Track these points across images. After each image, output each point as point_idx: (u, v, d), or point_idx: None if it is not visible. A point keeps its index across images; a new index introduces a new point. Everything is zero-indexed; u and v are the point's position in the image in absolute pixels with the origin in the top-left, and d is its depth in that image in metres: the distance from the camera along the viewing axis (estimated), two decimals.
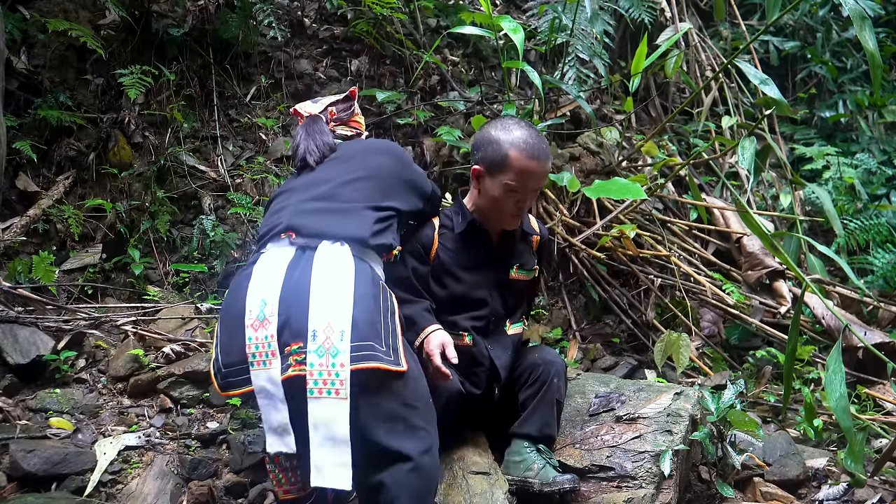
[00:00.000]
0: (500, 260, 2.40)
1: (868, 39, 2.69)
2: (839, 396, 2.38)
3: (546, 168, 2.29)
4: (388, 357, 1.79)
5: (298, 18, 4.41)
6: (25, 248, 3.52)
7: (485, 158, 2.28)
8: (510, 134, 2.25)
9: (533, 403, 2.29)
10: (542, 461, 2.22)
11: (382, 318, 1.84)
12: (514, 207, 2.29)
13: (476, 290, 2.35)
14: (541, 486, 2.17)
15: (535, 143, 2.24)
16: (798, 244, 3.57)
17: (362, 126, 2.47)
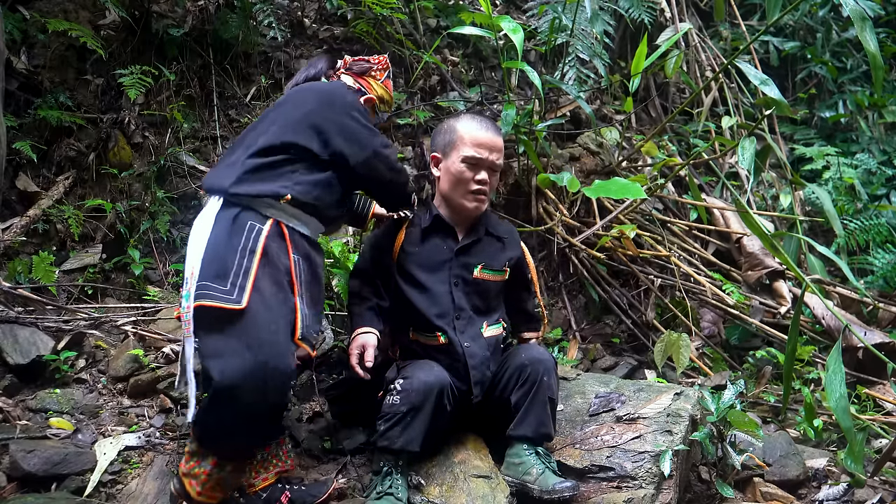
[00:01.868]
0: (463, 258, 2.44)
1: (869, 40, 2.69)
2: (839, 396, 2.38)
3: (497, 141, 2.44)
4: (224, 295, 1.90)
5: (298, 18, 4.41)
6: (25, 248, 3.52)
7: (439, 143, 2.49)
8: (458, 118, 2.49)
9: (525, 404, 2.28)
10: (541, 466, 2.21)
11: (237, 258, 1.97)
12: (474, 183, 2.41)
13: (438, 287, 2.39)
14: (540, 492, 2.16)
15: (485, 119, 2.47)
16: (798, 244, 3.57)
17: (374, 90, 2.44)
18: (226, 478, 2.02)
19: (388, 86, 2.48)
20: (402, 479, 2.18)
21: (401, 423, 2.17)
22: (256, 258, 1.99)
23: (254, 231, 2.03)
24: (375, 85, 2.43)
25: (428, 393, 2.18)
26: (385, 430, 2.19)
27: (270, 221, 2.07)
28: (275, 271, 2.02)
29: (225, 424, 1.90)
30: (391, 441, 2.17)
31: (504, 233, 2.58)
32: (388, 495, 2.13)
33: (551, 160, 3.96)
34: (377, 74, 2.43)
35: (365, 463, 2.48)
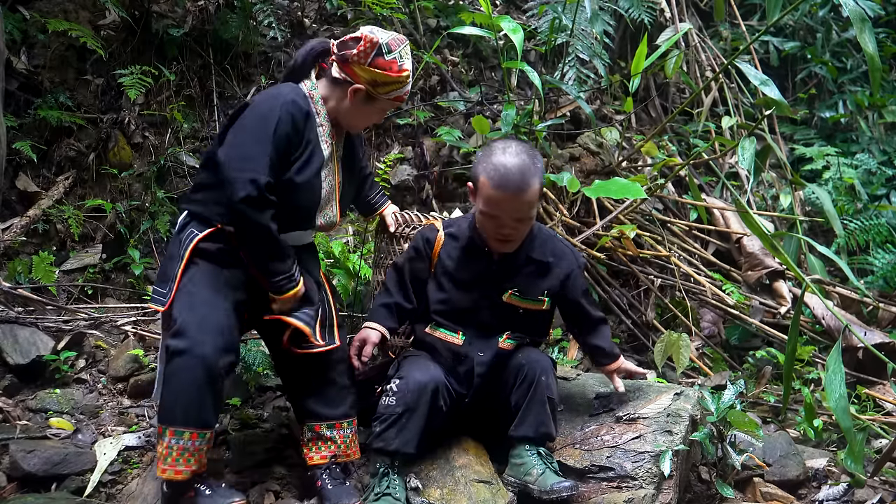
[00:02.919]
0: (495, 280, 2.33)
1: (868, 42, 2.69)
2: (839, 396, 2.38)
3: (522, 199, 2.16)
4: (158, 297, 2.13)
5: (298, 18, 4.41)
6: (25, 248, 3.52)
7: (472, 176, 2.27)
8: (489, 158, 2.19)
9: (525, 404, 2.26)
10: (541, 466, 2.20)
11: (175, 263, 2.12)
12: (498, 233, 2.24)
13: (464, 304, 2.34)
14: (539, 492, 2.16)
15: (509, 171, 2.13)
16: (798, 244, 3.57)
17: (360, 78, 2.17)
18: (186, 447, 2.01)
19: (383, 64, 2.15)
20: (400, 480, 2.18)
21: (396, 425, 2.16)
22: (181, 264, 2.11)
23: (188, 239, 2.14)
24: (360, 71, 2.16)
25: (422, 393, 2.18)
26: (381, 432, 2.18)
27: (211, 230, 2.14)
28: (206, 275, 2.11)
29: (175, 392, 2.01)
30: (387, 442, 2.17)
31: (550, 256, 2.37)
32: (386, 496, 2.13)
33: (551, 160, 3.96)
34: (360, 59, 2.14)
35: (364, 463, 2.48)
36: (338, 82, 2.20)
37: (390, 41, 2.16)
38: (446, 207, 3.88)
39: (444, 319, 2.36)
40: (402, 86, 2.21)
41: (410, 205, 3.93)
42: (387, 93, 2.20)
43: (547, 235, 2.42)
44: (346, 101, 2.20)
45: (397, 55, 2.16)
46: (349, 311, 3.25)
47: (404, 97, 2.27)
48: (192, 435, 2.01)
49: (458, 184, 4.01)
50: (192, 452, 2.02)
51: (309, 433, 2.32)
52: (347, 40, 2.18)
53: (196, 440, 2.02)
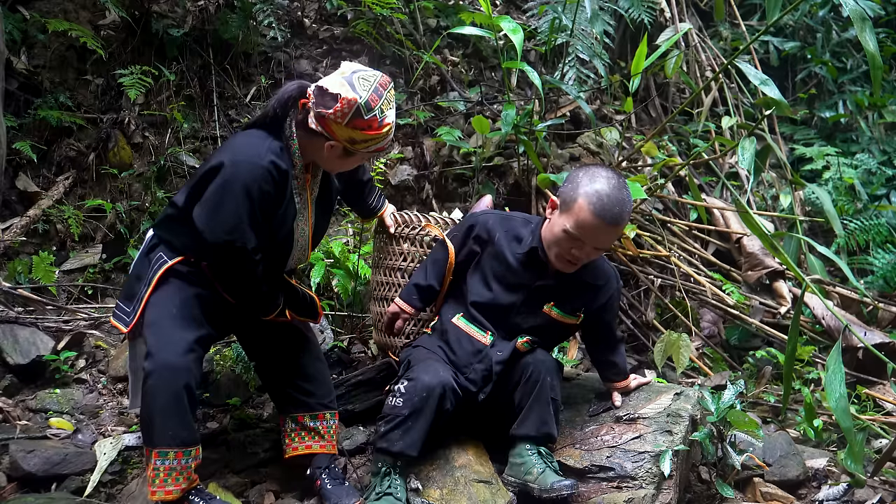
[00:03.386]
0: (542, 293, 2.35)
1: (869, 41, 2.69)
2: (839, 397, 2.38)
3: (613, 231, 2.20)
4: (123, 317, 2.16)
5: (298, 19, 4.41)
6: (25, 248, 3.52)
7: (562, 194, 2.25)
8: (592, 183, 2.17)
9: (529, 402, 2.27)
10: (542, 465, 2.21)
11: (141, 284, 2.13)
12: (570, 254, 2.23)
13: (504, 306, 2.35)
14: (539, 491, 2.16)
15: (611, 202, 2.14)
16: (798, 244, 3.57)
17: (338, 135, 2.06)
18: (172, 466, 2.02)
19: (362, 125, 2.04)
20: (401, 480, 2.18)
21: (401, 427, 2.16)
22: (150, 288, 2.11)
23: (157, 263, 2.14)
24: (337, 129, 2.05)
25: (430, 396, 2.17)
26: (385, 432, 2.18)
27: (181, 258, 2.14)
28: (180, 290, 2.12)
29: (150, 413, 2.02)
30: (391, 443, 2.17)
31: (599, 279, 2.40)
32: (388, 495, 2.13)
33: (551, 160, 3.96)
34: (337, 119, 2.02)
35: (365, 463, 2.47)
36: (314, 133, 2.09)
37: (370, 98, 2.03)
38: (446, 207, 3.88)
39: (480, 315, 2.37)
40: (382, 140, 2.11)
41: (410, 205, 3.93)
42: (366, 147, 2.11)
43: (597, 262, 2.41)
44: (324, 154, 2.12)
45: (377, 111, 2.05)
46: (349, 310, 3.25)
47: (384, 147, 2.18)
48: (177, 454, 2.02)
49: (458, 184, 4.01)
50: (180, 471, 2.03)
51: (291, 423, 2.33)
52: (324, 93, 2.03)
53: (181, 458, 2.03)
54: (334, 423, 2.38)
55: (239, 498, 2.30)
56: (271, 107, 2.11)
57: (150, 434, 2.02)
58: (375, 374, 2.66)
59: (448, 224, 2.66)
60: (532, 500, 2.19)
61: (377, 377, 2.65)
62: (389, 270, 2.69)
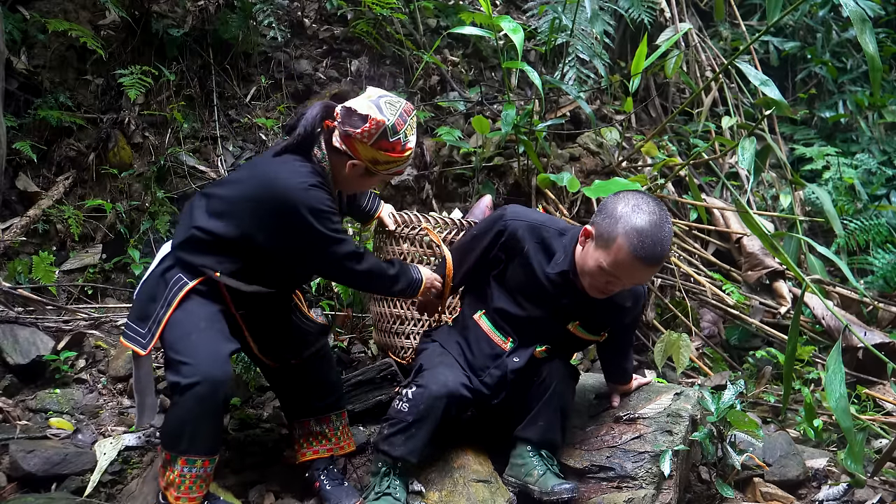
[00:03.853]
0: (568, 309, 2.29)
1: (868, 42, 2.69)
2: (839, 397, 2.39)
3: (652, 269, 2.09)
4: (138, 338, 2.11)
5: (298, 19, 4.41)
6: (25, 248, 3.52)
7: (599, 226, 2.10)
8: (633, 218, 2.02)
9: (538, 407, 2.26)
10: (542, 467, 2.20)
11: (157, 306, 2.09)
12: (604, 286, 2.14)
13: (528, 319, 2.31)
14: (540, 493, 2.16)
15: (652, 243, 2.00)
16: (798, 244, 3.58)
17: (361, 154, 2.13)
18: (199, 474, 2.04)
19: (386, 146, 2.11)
20: (401, 481, 2.18)
21: (405, 433, 2.16)
22: (170, 310, 2.08)
23: (178, 284, 2.10)
24: (362, 149, 2.12)
25: (434, 406, 2.16)
26: (388, 435, 2.18)
27: (200, 279, 2.11)
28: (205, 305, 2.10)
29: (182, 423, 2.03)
30: (392, 447, 2.17)
31: (628, 300, 2.31)
32: (387, 496, 2.13)
33: (551, 160, 3.96)
34: (364, 139, 2.09)
35: (365, 463, 2.48)
36: (338, 152, 2.17)
37: (396, 122, 2.11)
38: (446, 207, 3.88)
39: (503, 323, 2.34)
40: (402, 163, 2.20)
41: (410, 205, 3.93)
42: (386, 170, 2.19)
43: None
44: (345, 172, 2.17)
45: (402, 135, 2.13)
46: (349, 310, 3.25)
47: (402, 171, 2.28)
48: (205, 462, 2.05)
49: (458, 184, 4.01)
50: (204, 478, 2.06)
51: (299, 430, 2.35)
52: (353, 114, 2.11)
53: (208, 467, 2.06)
54: (341, 424, 2.39)
55: (239, 498, 2.30)
56: (301, 131, 2.13)
57: (179, 441, 2.02)
58: (375, 374, 2.66)
59: (448, 224, 2.66)
60: (532, 501, 2.19)
61: (377, 377, 2.65)
62: None
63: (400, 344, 2.70)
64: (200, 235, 2.11)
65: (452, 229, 2.66)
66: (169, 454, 2.04)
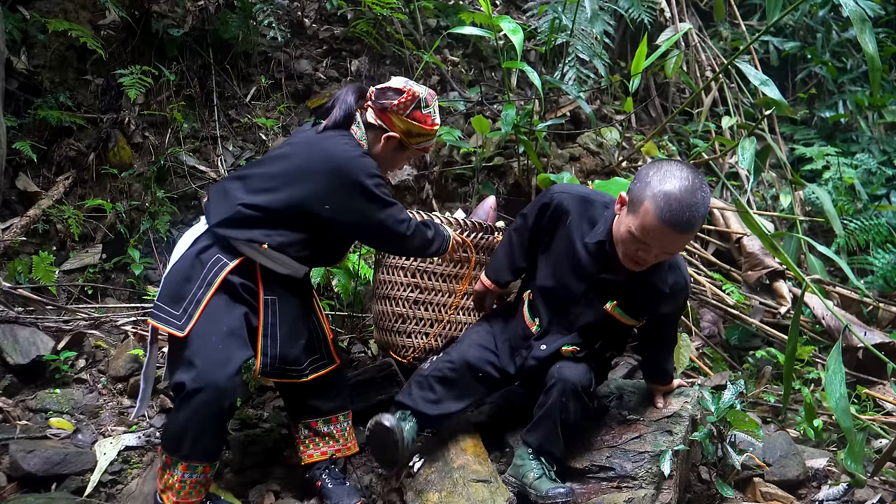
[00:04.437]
0: (607, 285, 2.23)
1: (868, 42, 2.69)
2: (839, 396, 2.39)
3: (681, 237, 2.02)
4: (173, 320, 2.07)
5: (298, 19, 4.41)
6: (25, 248, 3.52)
7: (631, 191, 2.08)
8: (663, 184, 1.98)
9: (540, 414, 2.25)
10: (539, 471, 2.20)
11: (193, 286, 2.08)
12: (636, 255, 2.09)
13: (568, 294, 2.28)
14: (535, 496, 2.16)
15: (681, 208, 1.95)
16: (798, 244, 3.57)
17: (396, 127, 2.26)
18: (199, 479, 2.06)
19: (419, 117, 2.27)
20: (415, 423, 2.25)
21: (421, 388, 2.27)
22: (211, 291, 2.08)
23: (217, 265, 2.11)
24: (397, 121, 2.26)
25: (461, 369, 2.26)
26: (410, 388, 2.30)
27: (240, 259, 2.12)
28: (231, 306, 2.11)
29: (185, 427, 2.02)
30: (406, 396, 2.28)
31: (669, 287, 2.22)
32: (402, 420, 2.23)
33: (551, 160, 3.96)
34: (399, 110, 2.24)
35: (365, 463, 2.48)
36: (372, 128, 2.29)
37: (427, 96, 2.28)
38: (446, 207, 3.88)
39: (541, 299, 2.33)
40: (431, 138, 2.34)
41: (410, 205, 3.93)
42: (417, 143, 2.31)
43: (673, 262, 2.24)
44: (379, 147, 2.28)
45: (432, 110, 2.30)
46: (349, 310, 3.25)
47: (429, 149, 2.40)
48: (206, 468, 2.06)
49: (458, 184, 4.01)
50: (204, 484, 2.08)
51: (305, 430, 2.34)
52: (387, 90, 2.27)
53: (208, 472, 2.08)
54: (348, 424, 2.40)
55: (239, 498, 2.31)
56: (343, 108, 2.24)
57: (181, 445, 2.02)
58: (375, 374, 2.66)
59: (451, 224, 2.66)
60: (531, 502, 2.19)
61: (377, 377, 2.65)
62: (392, 269, 2.69)
63: (401, 343, 2.70)
64: (247, 211, 2.12)
65: (455, 229, 2.66)
66: (169, 458, 2.04)
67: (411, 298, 2.67)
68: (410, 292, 2.67)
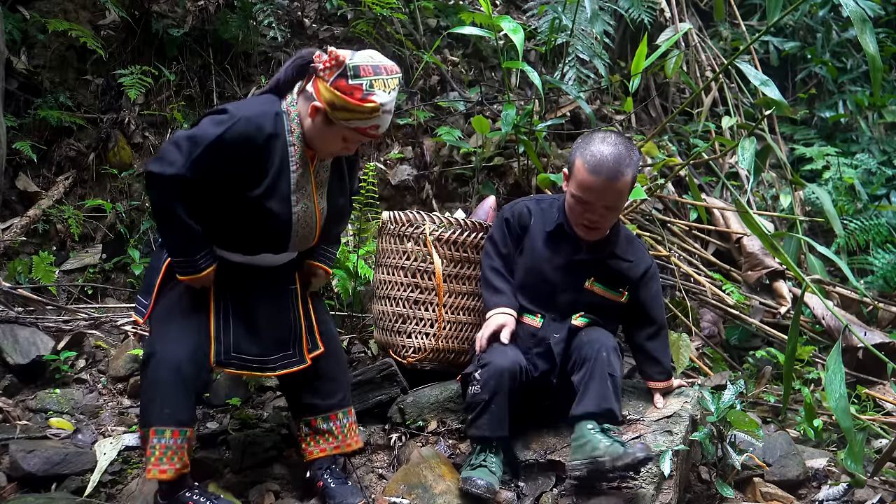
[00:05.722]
0: (580, 267, 2.39)
1: (869, 42, 2.68)
2: (839, 396, 2.38)
3: (615, 187, 2.22)
4: (140, 308, 2.22)
5: (298, 18, 4.41)
6: (25, 248, 3.53)
7: (568, 162, 2.33)
8: (588, 145, 2.26)
9: (585, 381, 2.26)
10: (608, 439, 2.14)
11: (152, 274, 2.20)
12: (584, 218, 2.29)
13: (547, 286, 2.41)
14: (612, 461, 2.08)
15: (606, 158, 2.21)
16: (798, 244, 3.57)
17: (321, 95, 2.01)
18: (168, 444, 2.04)
19: (344, 88, 1.98)
20: (496, 458, 2.25)
21: (486, 412, 2.24)
22: (158, 277, 2.17)
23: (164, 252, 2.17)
24: (322, 88, 2.01)
25: (505, 376, 2.25)
26: (472, 420, 2.28)
27: None
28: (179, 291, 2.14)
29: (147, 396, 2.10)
30: (480, 430, 2.26)
31: (629, 254, 2.44)
32: (482, 467, 2.20)
33: (551, 160, 3.97)
34: (324, 75, 2.00)
35: (365, 463, 2.48)
36: (306, 96, 2.08)
37: (362, 66, 1.99)
38: (446, 207, 3.88)
39: (526, 302, 2.42)
40: (362, 116, 2.01)
41: (410, 205, 3.93)
42: (345, 119, 2.02)
43: (630, 236, 2.50)
44: (308, 119, 2.07)
45: (365, 82, 1.98)
46: (349, 310, 3.25)
47: (369, 131, 2.07)
48: (174, 433, 2.05)
49: (458, 184, 4.01)
50: (175, 450, 2.05)
51: (305, 428, 2.34)
52: (324, 51, 2.04)
53: (177, 438, 2.05)
54: (348, 421, 2.36)
55: (239, 498, 2.30)
56: (283, 71, 2.13)
57: (149, 415, 2.07)
58: (375, 374, 2.66)
59: (452, 224, 2.66)
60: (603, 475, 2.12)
61: (377, 377, 2.65)
62: (392, 269, 2.69)
63: (401, 343, 2.70)
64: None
65: (456, 229, 2.66)
66: (142, 430, 2.09)
67: (411, 298, 2.68)
68: (410, 292, 2.67)
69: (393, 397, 2.66)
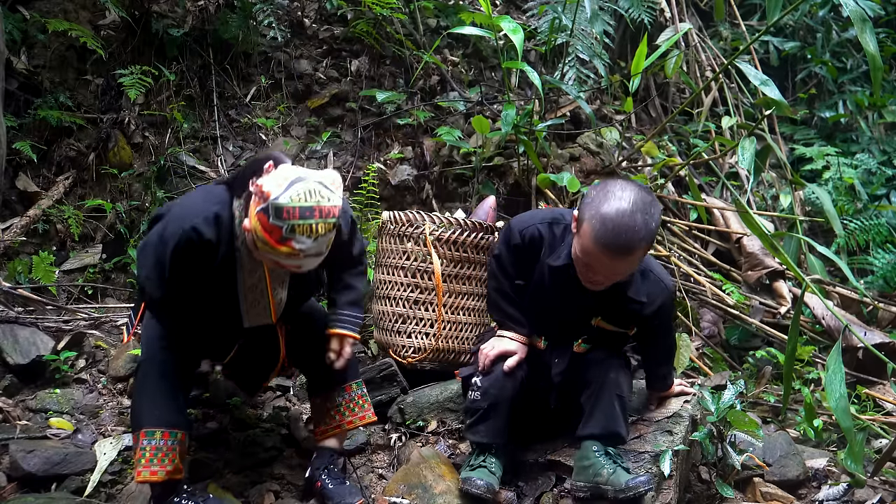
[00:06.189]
0: (587, 307, 2.24)
1: (869, 42, 2.69)
2: (839, 396, 2.38)
3: (620, 261, 1.97)
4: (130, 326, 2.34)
5: (298, 18, 4.41)
6: (25, 248, 3.52)
7: (579, 211, 2.04)
8: (601, 205, 1.95)
9: (592, 401, 2.23)
10: (611, 465, 2.13)
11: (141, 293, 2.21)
12: (586, 275, 2.08)
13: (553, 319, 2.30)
14: (615, 492, 2.07)
15: (617, 230, 1.91)
16: (798, 244, 3.57)
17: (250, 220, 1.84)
18: (159, 446, 2.05)
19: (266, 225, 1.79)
20: (496, 459, 2.24)
21: (485, 420, 2.23)
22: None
23: None
24: (251, 212, 1.84)
25: (506, 385, 2.23)
26: (471, 425, 2.27)
27: None
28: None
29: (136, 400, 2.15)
30: (479, 435, 2.25)
31: (644, 296, 2.20)
32: (482, 468, 2.20)
33: (551, 160, 3.96)
34: (254, 199, 1.82)
35: (365, 463, 2.48)
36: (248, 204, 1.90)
37: (288, 208, 1.77)
38: (446, 207, 3.88)
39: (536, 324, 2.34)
40: (280, 256, 1.84)
41: (410, 205, 3.93)
42: (264, 252, 1.85)
43: (645, 269, 2.20)
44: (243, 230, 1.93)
45: (285, 227, 1.78)
46: None
47: (288, 268, 1.93)
48: (164, 434, 2.06)
49: (458, 184, 4.01)
50: (166, 452, 2.05)
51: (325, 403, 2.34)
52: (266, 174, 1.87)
53: (168, 439, 2.06)
54: (360, 391, 2.36)
55: (239, 498, 2.30)
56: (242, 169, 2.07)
57: (139, 418, 2.09)
58: (375, 374, 2.66)
59: (452, 224, 2.66)
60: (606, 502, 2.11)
61: (377, 377, 2.65)
62: (392, 269, 2.69)
63: (401, 343, 2.70)
64: None
65: (455, 229, 2.66)
66: (133, 434, 2.10)
67: (411, 298, 2.68)
68: (410, 292, 2.67)
69: (393, 397, 2.66)
